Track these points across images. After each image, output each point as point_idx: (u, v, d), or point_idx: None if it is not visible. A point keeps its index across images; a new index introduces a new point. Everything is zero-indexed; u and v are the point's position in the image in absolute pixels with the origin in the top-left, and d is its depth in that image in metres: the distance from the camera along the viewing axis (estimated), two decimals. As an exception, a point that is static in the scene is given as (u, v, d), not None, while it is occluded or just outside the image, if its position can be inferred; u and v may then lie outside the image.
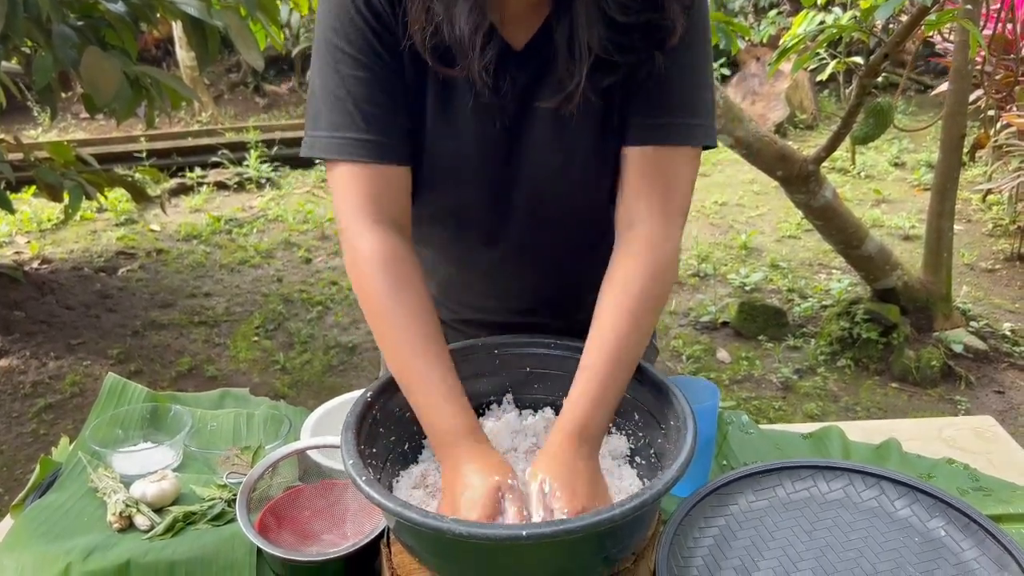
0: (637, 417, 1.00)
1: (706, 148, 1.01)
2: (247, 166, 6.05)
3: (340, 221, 0.97)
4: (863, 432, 1.35)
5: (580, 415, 0.88)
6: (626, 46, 0.91)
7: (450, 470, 0.87)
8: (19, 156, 3.67)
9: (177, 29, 6.64)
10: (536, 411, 1.06)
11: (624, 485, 0.95)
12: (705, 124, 0.98)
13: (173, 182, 5.85)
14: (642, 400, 0.99)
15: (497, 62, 0.92)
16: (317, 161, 6.53)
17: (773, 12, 3.84)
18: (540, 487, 0.83)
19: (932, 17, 2.42)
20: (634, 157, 0.98)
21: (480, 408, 1.06)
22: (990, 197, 5.00)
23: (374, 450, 0.92)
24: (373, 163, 0.94)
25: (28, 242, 4.85)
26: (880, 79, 5.67)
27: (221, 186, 5.92)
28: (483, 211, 1.06)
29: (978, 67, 3.45)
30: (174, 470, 1.22)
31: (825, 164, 3.33)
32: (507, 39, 0.95)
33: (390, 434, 0.98)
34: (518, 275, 1.15)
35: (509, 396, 1.07)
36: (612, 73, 0.93)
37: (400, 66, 0.95)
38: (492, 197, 1.04)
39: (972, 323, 3.58)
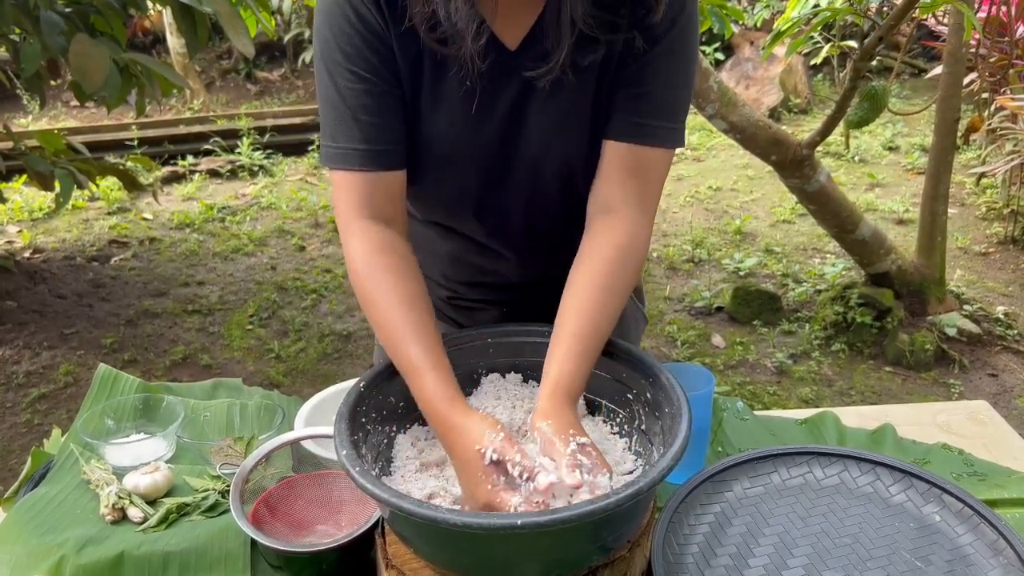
0: (633, 405, 1.00)
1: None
2: (239, 153, 6.01)
3: (338, 222, 1.03)
4: (858, 418, 1.36)
5: (567, 377, 0.92)
6: (609, 23, 0.95)
7: (442, 439, 0.90)
8: (9, 145, 3.63)
9: (167, 16, 6.58)
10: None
11: (616, 457, 0.95)
12: (679, 128, 1.04)
13: (165, 170, 5.81)
14: (637, 388, 0.99)
15: (491, 60, 0.96)
16: (309, 148, 6.45)
17: (767, -5, 3.82)
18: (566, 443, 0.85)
19: (927, 0, 2.41)
20: (615, 150, 1.03)
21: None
22: (984, 180, 5.00)
23: (368, 440, 0.92)
24: (366, 170, 0.99)
25: (19, 231, 4.82)
26: (874, 63, 5.65)
27: (213, 174, 5.89)
28: (481, 190, 1.09)
29: (972, 50, 3.44)
30: (167, 461, 1.21)
31: (819, 148, 3.32)
32: (500, 38, 0.97)
33: (385, 423, 0.97)
34: (511, 246, 1.18)
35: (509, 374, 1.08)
36: (593, 50, 0.97)
37: (394, 71, 0.99)
38: (489, 182, 1.08)
39: (966, 306, 3.59)
